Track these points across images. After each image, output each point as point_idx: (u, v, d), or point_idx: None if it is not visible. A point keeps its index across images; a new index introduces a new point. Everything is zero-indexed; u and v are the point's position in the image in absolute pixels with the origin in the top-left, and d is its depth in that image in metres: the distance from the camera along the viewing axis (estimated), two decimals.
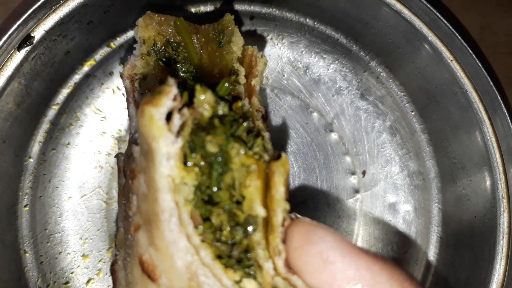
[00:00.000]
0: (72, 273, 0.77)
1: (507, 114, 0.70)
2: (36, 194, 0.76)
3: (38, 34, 0.66)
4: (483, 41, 0.86)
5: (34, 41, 0.66)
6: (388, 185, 0.83)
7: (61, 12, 0.66)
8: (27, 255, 0.74)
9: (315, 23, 0.81)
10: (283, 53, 0.84)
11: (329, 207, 0.82)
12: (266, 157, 0.48)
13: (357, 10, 0.75)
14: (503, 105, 0.70)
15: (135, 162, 0.49)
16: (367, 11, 0.74)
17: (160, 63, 0.63)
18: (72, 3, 0.66)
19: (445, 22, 0.70)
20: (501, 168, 0.70)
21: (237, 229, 0.46)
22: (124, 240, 0.54)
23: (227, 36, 0.63)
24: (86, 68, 0.78)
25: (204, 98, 0.45)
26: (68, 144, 0.78)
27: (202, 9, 0.80)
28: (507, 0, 0.89)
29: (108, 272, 0.78)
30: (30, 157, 0.75)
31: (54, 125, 0.77)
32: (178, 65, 0.63)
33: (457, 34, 0.70)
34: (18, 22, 0.64)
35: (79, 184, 0.78)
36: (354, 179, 0.83)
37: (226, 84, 0.51)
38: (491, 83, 0.70)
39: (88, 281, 0.77)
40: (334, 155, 0.83)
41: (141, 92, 0.62)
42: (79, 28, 0.70)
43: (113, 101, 0.80)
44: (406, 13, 0.70)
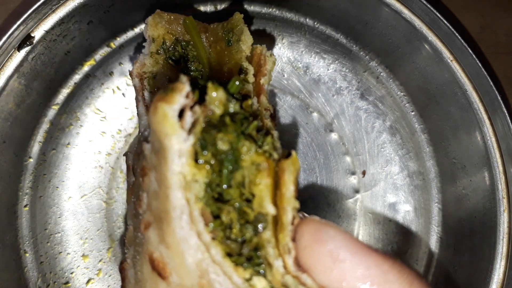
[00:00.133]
0: (72, 273, 0.77)
1: (507, 114, 0.70)
2: (36, 194, 0.76)
3: (38, 34, 0.66)
4: (483, 41, 0.86)
5: (34, 41, 0.66)
6: (388, 185, 0.83)
7: (61, 12, 0.66)
8: (27, 255, 0.74)
9: (315, 23, 0.81)
10: (283, 53, 0.84)
11: (329, 207, 0.81)
12: (276, 156, 0.47)
13: (357, 10, 0.75)
14: (503, 105, 0.70)
15: (146, 160, 0.48)
16: (367, 11, 0.74)
17: (170, 62, 0.63)
18: (72, 3, 0.66)
19: (445, 22, 0.70)
20: (501, 168, 0.70)
21: (247, 227, 0.45)
22: (134, 238, 0.54)
23: (236, 35, 0.62)
24: (86, 68, 0.78)
25: (216, 96, 0.45)
26: (68, 144, 0.78)
27: (202, 9, 0.80)
28: (507, 0, 0.89)
29: (108, 272, 0.78)
30: (30, 157, 0.75)
31: (54, 125, 0.77)
32: (188, 64, 0.63)
33: (457, 34, 0.70)
34: (18, 22, 0.64)
35: (79, 184, 0.78)
36: (354, 179, 0.83)
37: (237, 82, 0.51)
38: (491, 83, 0.70)
39: (88, 281, 0.77)
40: (334, 155, 0.83)
41: (150, 91, 0.62)
42: (79, 28, 0.70)
43: (113, 101, 0.80)
44: (406, 13, 0.70)
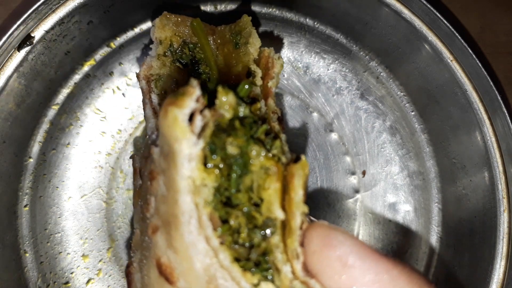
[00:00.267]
0: (72, 273, 0.77)
1: (507, 114, 0.70)
2: (36, 194, 0.76)
3: (38, 34, 0.66)
4: (483, 41, 0.86)
5: (34, 41, 0.66)
6: (388, 185, 0.83)
7: (61, 12, 0.66)
8: (27, 255, 0.74)
9: (315, 23, 0.81)
10: (283, 53, 0.83)
11: (329, 207, 0.81)
12: (284, 160, 0.47)
13: (357, 10, 0.75)
14: (503, 105, 0.70)
15: (154, 164, 0.48)
16: (367, 11, 0.74)
17: (177, 64, 0.63)
18: (72, 3, 0.66)
19: (445, 22, 0.70)
20: (501, 168, 0.70)
21: (255, 232, 0.45)
22: (141, 242, 0.53)
23: (244, 38, 0.62)
24: (86, 68, 0.78)
25: (226, 100, 0.45)
26: (68, 144, 0.78)
27: (202, 9, 0.80)
28: (507, 0, 0.89)
29: (108, 272, 0.78)
30: (30, 157, 0.75)
31: (54, 125, 0.77)
32: (195, 66, 0.62)
33: (457, 34, 0.70)
34: (18, 22, 0.64)
35: (79, 184, 0.78)
36: (354, 179, 0.83)
37: (246, 86, 0.51)
38: (491, 83, 0.70)
39: (88, 281, 0.77)
40: (334, 155, 0.83)
41: (157, 93, 0.61)
42: (79, 28, 0.70)
43: (113, 101, 0.80)
44: (406, 13, 0.70)
